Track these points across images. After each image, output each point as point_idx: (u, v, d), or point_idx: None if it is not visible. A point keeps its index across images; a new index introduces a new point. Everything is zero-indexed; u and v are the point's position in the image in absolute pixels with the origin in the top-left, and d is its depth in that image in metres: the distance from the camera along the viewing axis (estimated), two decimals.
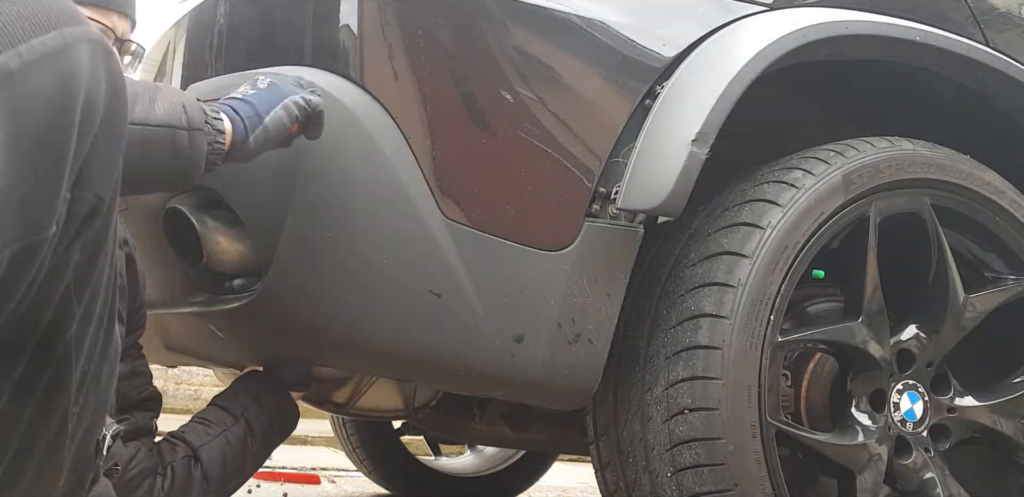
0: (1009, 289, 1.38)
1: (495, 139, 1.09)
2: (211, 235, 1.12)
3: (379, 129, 1.05)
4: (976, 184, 1.35)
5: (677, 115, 1.14)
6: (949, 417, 1.34)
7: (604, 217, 1.14)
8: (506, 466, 2.76)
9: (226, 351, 1.31)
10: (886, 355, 1.26)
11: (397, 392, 1.97)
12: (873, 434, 1.24)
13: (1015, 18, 1.50)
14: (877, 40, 1.31)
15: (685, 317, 1.14)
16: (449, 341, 1.07)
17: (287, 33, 1.15)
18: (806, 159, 1.25)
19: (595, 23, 1.15)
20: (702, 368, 1.11)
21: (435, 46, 1.08)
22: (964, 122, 1.51)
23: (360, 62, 1.07)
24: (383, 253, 1.05)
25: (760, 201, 1.20)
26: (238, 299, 1.11)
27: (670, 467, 1.12)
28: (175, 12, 1.39)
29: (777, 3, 1.27)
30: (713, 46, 1.19)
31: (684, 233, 1.24)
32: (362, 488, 2.80)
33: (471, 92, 1.09)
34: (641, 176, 1.12)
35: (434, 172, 1.06)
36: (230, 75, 1.17)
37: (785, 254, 1.17)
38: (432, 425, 2.17)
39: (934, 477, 1.27)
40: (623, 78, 1.15)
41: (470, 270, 1.06)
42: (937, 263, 1.32)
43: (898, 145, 1.31)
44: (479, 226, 1.08)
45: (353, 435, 2.55)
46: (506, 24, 1.11)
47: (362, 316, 1.06)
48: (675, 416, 1.12)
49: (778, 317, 1.16)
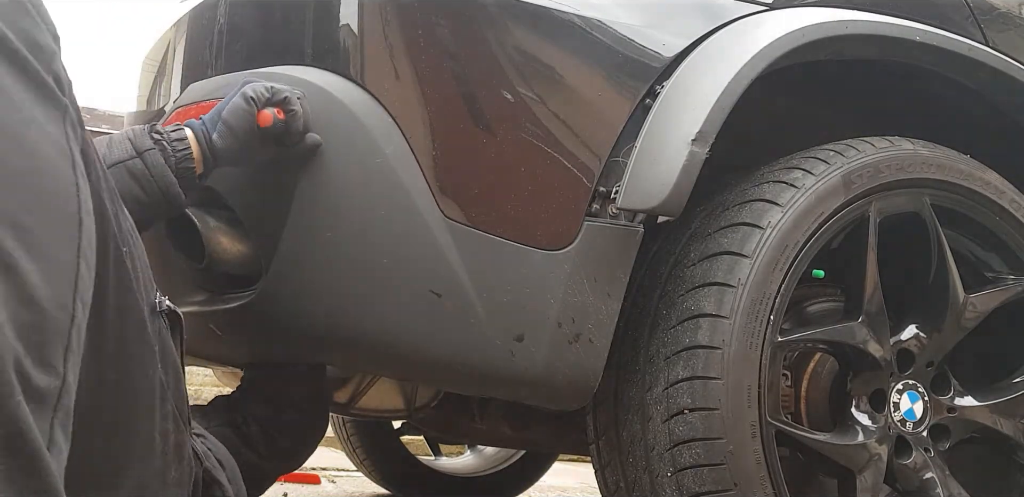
0: (1009, 289, 1.38)
1: (495, 138, 1.09)
2: (213, 235, 1.12)
3: (379, 129, 1.05)
4: (976, 184, 1.35)
5: (677, 115, 1.14)
6: (949, 417, 1.34)
7: (604, 217, 1.14)
8: (506, 466, 2.76)
9: (226, 350, 1.31)
10: (886, 355, 1.26)
11: (398, 392, 1.97)
12: (873, 434, 1.24)
13: (1015, 18, 1.50)
14: (877, 40, 1.31)
15: (685, 317, 1.14)
16: (449, 341, 1.07)
17: (287, 33, 1.15)
18: (806, 159, 1.25)
19: (595, 23, 1.15)
20: (702, 368, 1.11)
21: (435, 46, 1.08)
22: (964, 122, 1.52)
23: (360, 62, 1.07)
24: (383, 253, 1.05)
25: (760, 201, 1.20)
26: (238, 299, 1.11)
27: (670, 467, 1.12)
28: (175, 12, 1.39)
29: (777, 3, 1.27)
30: (713, 46, 1.19)
31: (684, 233, 1.24)
32: (362, 488, 2.80)
33: (471, 92, 1.09)
34: (641, 176, 1.12)
35: (434, 171, 1.06)
36: (230, 75, 1.17)
37: (785, 254, 1.17)
38: (432, 425, 2.17)
39: (934, 477, 1.27)
40: (623, 78, 1.15)
41: (470, 269, 1.06)
42: (937, 263, 1.32)
43: (898, 145, 1.31)
44: (479, 225, 1.08)
45: (353, 435, 2.55)
46: (506, 24, 1.11)
47: (362, 316, 1.06)
48: (675, 416, 1.12)
49: (778, 317, 1.16)
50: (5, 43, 0.59)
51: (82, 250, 0.61)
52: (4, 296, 0.53)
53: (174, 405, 0.84)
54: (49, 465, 0.55)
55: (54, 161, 0.60)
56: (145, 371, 0.78)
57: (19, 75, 0.59)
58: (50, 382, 0.57)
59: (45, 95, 0.61)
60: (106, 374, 0.73)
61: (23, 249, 0.55)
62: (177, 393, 0.86)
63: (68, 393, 0.58)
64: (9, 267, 0.54)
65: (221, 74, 1.19)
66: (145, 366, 0.78)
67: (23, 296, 0.55)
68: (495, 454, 2.79)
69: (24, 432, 0.53)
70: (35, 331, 0.56)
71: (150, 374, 0.78)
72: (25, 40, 0.60)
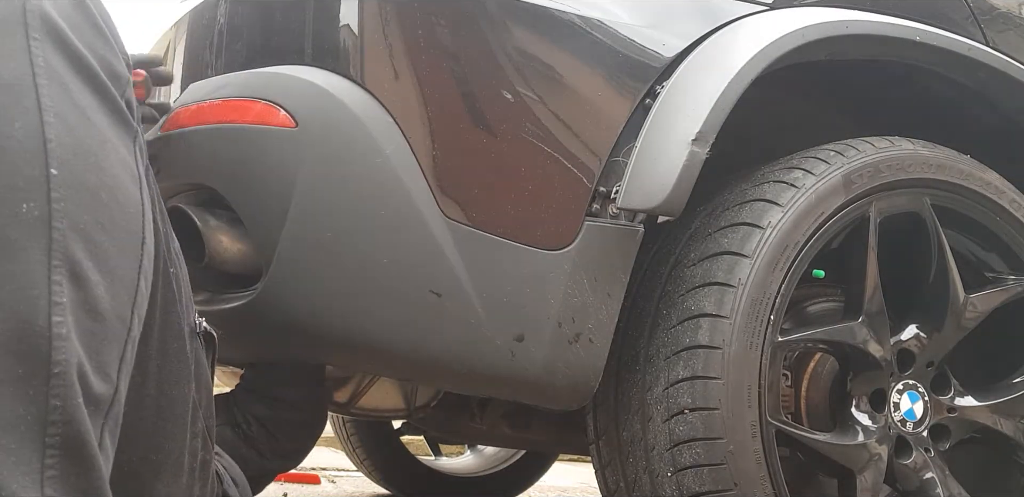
0: (1009, 289, 1.38)
1: (495, 138, 1.09)
2: (213, 234, 1.12)
3: (379, 129, 1.05)
4: (976, 184, 1.35)
5: (677, 115, 1.14)
6: (949, 417, 1.34)
7: (604, 216, 1.14)
8: (506, 466, 2.76)
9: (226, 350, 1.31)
10: (886, 355, 1.26)
11: (398, 392, 1.97)
12: (873, 434, 1.24)
13: (1015, 18, 1.51)
14: (877, 40, 1.31)
15: (685, 317, 1.14)
16: (449, 340, 1.07)
17: (287, 33, 1.15)
18: (806, 159, 1.25)
19: (595, 23, 1.15)
20: (702, 368, 1.11)
21: (435, 46, 1.08)
22: (964, 122, 1.52)
23: (360, 62, 1.07)
24: (383, 252, 1.05)
25: (760, 201, 1.20)
26: (238, 298, 1.11)
27: (670, 467, 1.12)
28: (175, 12, 1.39)
29: (777, 3, 1.27)
30: (713, 46, 1.19)
31: (684, 233, 1.24)
32: (362, 488, 2.80)
33: (471, 92, 1.09)
34: (641, 175, 1.12)
35: (434, 171, 1.06)
36: (230, 75, 1.17)
37: (785, 254, 1.17)
38: (432, 425, 2.17)
39: (934, 477, 1.27)
40: (623, 78, 1.15)
41: (470, 269, 1.06)
42: (937, 263, 1.32)
43: (898, 145, 1.31)
44: (479, 225, 1.08)
45: (353, 435, 2.55)
46: (506, 24, 1.11)
47: (362, 315, 1.06)
48: (675, 416, 1.12)
49: (778, 317, 1.16)
50: (87, 69, 0.63)
51: (143, 267, 0.64)
52: (72, 304, 0.56)
53: (204, 424, 0.85)
54: (101, 468, 0.57)
55: (125, 181, 0.64)
56: (181, 389, 0.79)
57: (99, 99, 0.64)
58: (106, 389, 0.59)
59: (120, 120, 0.65)
60: (147, 389, 0.75)
61: (92, 261, 0.58)
62: (208, 413, 0.87)
63: (119, 402, 0.61)
64: (79, 277, 0.57)
65: (221, 74, 1.19)
66: (181, 384, 0.79)
67: (89, 305, 0.58)
68: (495, 454, 2.79)
69: (82, 434, 0.55)
70: (96, 339, 0.58)
71: (185, 392, 0.80)
72: (104, 66, 0.65)
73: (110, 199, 0.62)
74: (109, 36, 0.67)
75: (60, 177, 0.57)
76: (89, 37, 0.64)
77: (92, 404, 0.57)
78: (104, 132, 0.63)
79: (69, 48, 0.62)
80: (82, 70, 0.62)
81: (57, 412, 0.54)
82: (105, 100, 0.64)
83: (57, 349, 0.54)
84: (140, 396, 0.73)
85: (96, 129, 0.62)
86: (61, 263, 0.56)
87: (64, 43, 0.62)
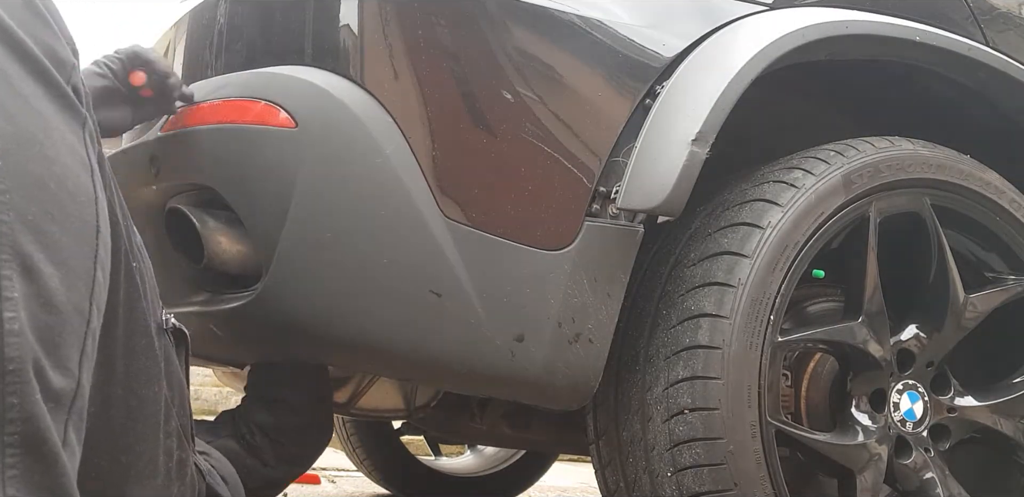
0: (1009, 289, 1.38)
1: (495, 138, 1.09)
2: (212, 235, 1.12)
3: (379, 129, 1.05)
4: (976, 184, 1.35)
5: (677, 115, 1.14)
6: (949, 417, 1.34)
7: (604, 217, 1.14)
8: (506, 466, 2.76)
9: (226, 350, 1.31)
10: (886, 355, 1.26)
11: (397, 392, 1.97)
12: (873, 434, 1.24)
13: (1015, 18, 1.51)
14: (877, 40, 1.31)
15: (685, 317, 1.14)
16: (449, 341, 1.07)
17: (287, 33, 1.15)
18: (806, 159, 1.25)
19: (595, 23, 1.15)
20: (702, 368, 1.11)
21: (435, 46, 1.08)
22: (964, 122, 1.52)
23: (360, 62, 1.07)
24: (383, 253, 1.05)
25: (760, 201, 1.20)
26: (238, 299, 1.11)
27: (670, 467, 1.12)
28: (175, 12, 1.39)
29: (777, 3, 1.27)
30: (713, 46, 1.19)
31: (684, 233, 1.24)
32: (362, 488, 2.80)
33: (471, 92, 1.09)
34: (641, 176, 1.12)
35: (434, 172, 1.06)
36: (230, 75, 1.17)
37: (785, 254, 1.17)
38: (432, 425, 2.17)
39: (934, 477, 1.27)
40: (623, 78, 1.15)
41: (470, 270, 1.06)
42: (937, 263, 1.32)
43: (898, 145, 1.31)
44: (479, 226, 1.08)
45: (353, 435, 2.54)
46: (506, 24, 1.11)
47: (362, 316, 1.06)
48: (675, 416, 1.12)
49: (778, 317, 1.16)
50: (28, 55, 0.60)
51: (99, 258, 0.63)
52: (25, 298, 0.55)
53: (178, 423, 0.84)
54: (65, 465, 0.56)
55: (74, 170, 0.62)
56: (151, 388, 0.78)
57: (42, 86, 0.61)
58: (66, 384, 0.58)
59: (66, 105, 0.63)
60: (114, 389, 0.73)
61: (44, 253, 0.57)
62: (181, 411, 0.86)
63: (82, 396, 0.60)
64: (31, 270, 0.55)
65: (221, 74, 1.19)
66: (151, 383, 0.78)
67: (43, 299, 0.56)
68: (495, 454, 2.79)
69: (42, 431, 0.54)
70: (53, 333, 0.57)
71: (156, 391, 0.79)
72: (46, 52, 0.62)
73: (59, 188, 0.60)
74: (51, 21, 0.64)
75: (3, 168, 0.56)
76: (29, 23, 0.62)
77: (52, 400, 0.56)
78: (49, 120, 0.61)
79: (7, 35, 0.60)
80: (23, 57, 0.60)
81: (15, 410, 0.53)
82: (50, 87, 0.62)
83: (11, 345, 0.53)
84: (107, 396, 0.72)
85: (40, 117, 0.60)
86: (10, 257, 0.54)
87: (2, 30, 0.60)
